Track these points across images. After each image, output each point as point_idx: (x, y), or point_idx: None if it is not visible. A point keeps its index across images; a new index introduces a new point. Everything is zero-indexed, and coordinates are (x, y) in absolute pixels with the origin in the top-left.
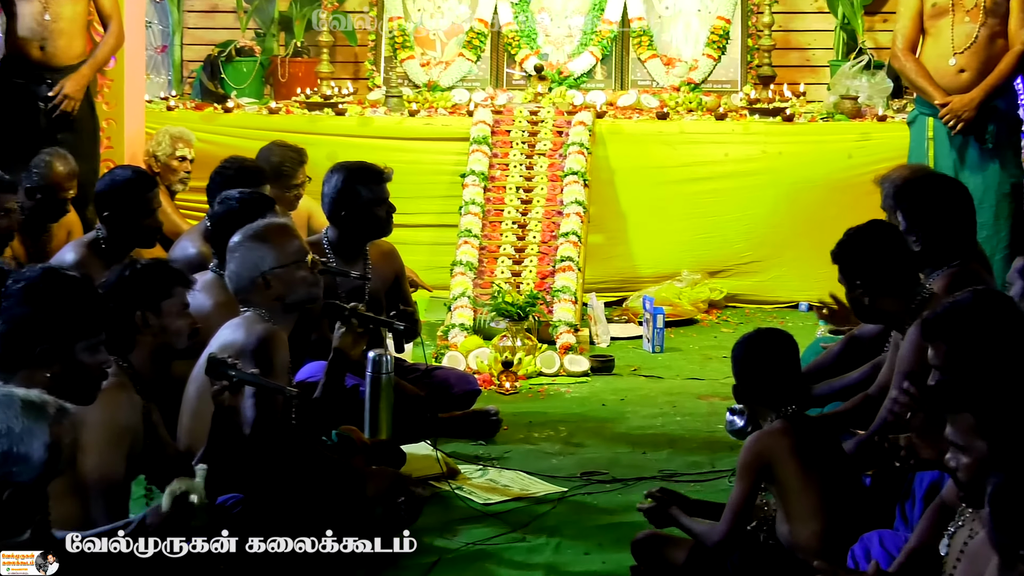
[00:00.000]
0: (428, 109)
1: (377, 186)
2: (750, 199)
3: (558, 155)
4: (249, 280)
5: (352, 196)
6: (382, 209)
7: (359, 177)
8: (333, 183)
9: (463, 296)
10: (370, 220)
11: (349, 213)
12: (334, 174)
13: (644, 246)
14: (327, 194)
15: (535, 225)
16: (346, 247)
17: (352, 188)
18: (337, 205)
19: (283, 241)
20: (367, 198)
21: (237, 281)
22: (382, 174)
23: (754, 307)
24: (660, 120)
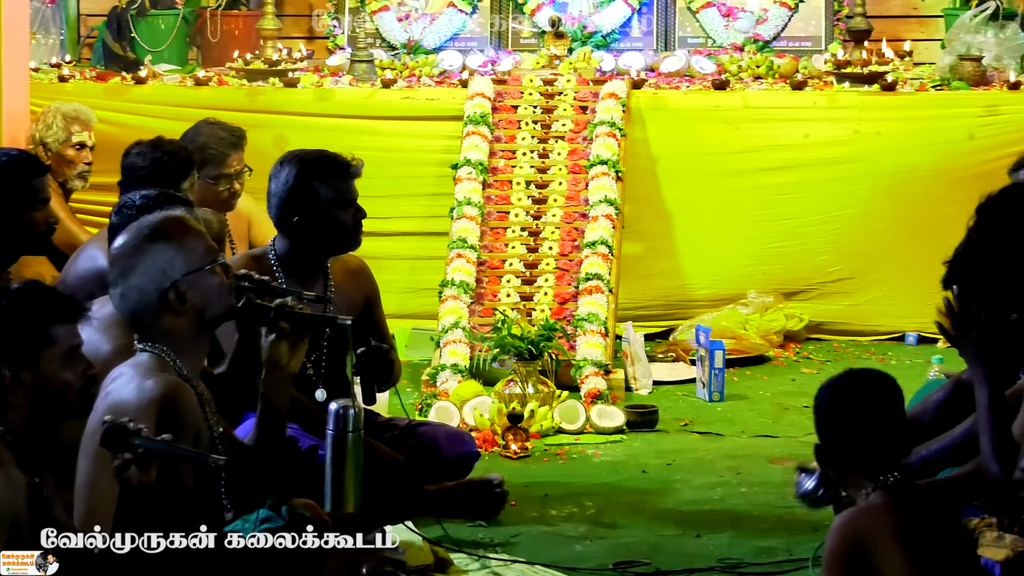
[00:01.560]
0: (408, 78)
1: (342, 183)
2: (838, 195)
3: (581, 139)
4: (156, 296)
5: (308, 196)
6: (348, 213)
7: (318, 170)
8: (283, 179)
9: (456, 328)
10: (332, 228)
11: (305, 218)
12: (284, 167)
13: (697, 259)
14: (275, 193)
15: (551, 232)
16: (300, 264)
17: (308, 185)
18: (288, 208)
19: (189, 238)
20: (328, 199)
21: (139, 301)
22: (348, 167)
23: (845, 340)
24: (718, 90)
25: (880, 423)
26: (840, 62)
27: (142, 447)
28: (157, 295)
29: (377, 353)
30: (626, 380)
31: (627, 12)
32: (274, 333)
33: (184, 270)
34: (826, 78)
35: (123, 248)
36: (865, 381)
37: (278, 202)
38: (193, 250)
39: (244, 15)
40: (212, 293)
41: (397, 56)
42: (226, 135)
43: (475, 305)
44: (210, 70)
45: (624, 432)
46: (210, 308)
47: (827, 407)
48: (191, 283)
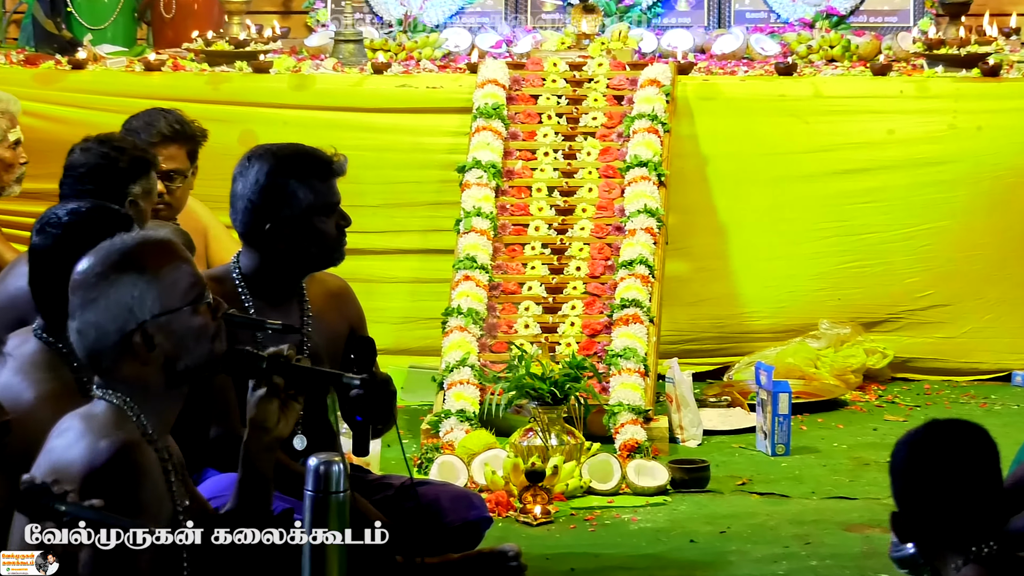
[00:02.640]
0: (405, 62)
1: (323, 183)
2: (930, 204)
3: (616, 135)
4: (118, 338)
5: (283, 198)
6: (330, 220)
7: (294, 167)
8: (251, 177)
9: (463, 366)
10: (312, 238)
11: (278, 226)
12: (253, 163)
13: (756, 282)
14: (241, 195)
15: (579, 250)
16: (271, 284)
17: (283, 186)
18: (258, 213)
19: (168, 269)
20: (307, 202)
21: (98, 342)
22: (331, 163)
23: (938, 380)
24: (783, 76)
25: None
26: (932, 41)
27: (69, 515)
28: (119, 336)
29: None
30: (671, 429)
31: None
32: (264, 388)
33: (156, 310)
34: (915, 61)
35: (86, 274)
36: (951, 435)
37: (246, 206)
38: (172, 285)
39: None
40: (189, 339)
41: (391, 35)
42: (163, 124)
43: (486, 338)
44: (163, 52)
45: (668, 493)
46: (185, 357)
47: (905, 467)
48: (163, 326)
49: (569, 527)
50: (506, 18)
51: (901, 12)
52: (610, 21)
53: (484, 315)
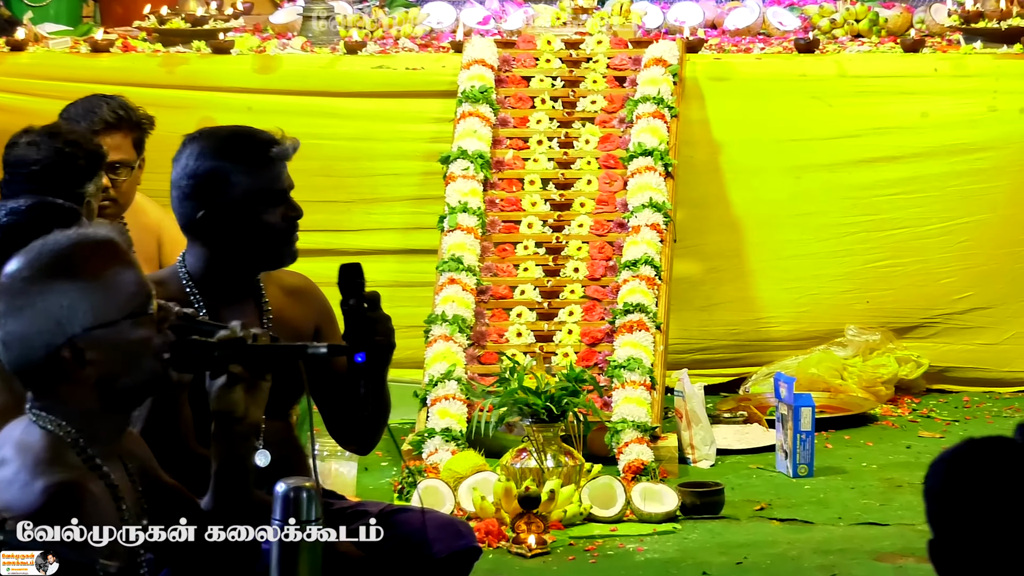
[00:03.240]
0: (382, 40)
1: (263, 168)
2: (969, 195)
3: (617, 121)
4: (44, 353)
5: (214, 185)
6: (275, 212)
7: (228, 150)
8: (183, 162)
9: (448, 379)
10: (253, 230)
11: (212, 216)
12: (186, 147)
13: (775, 283)
14: (175, 183)
15: (577, 249)
16: (220, 283)
17: (214, 170)
18: (191, 200)
19: (107, 275)
20: (241, 189)
21: (22, 356)
22: (272, 144)
23: (979, 391)
24: (803, 53)
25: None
26: (969, 14)
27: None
28: (46, 352)
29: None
30: (680, 449)
31: None
32: (223, 376)
33: (88, 322)
34: (950, 36)
35: (12, 279)
36: (994, 453)
37: (178, 194)
38: (109, 294)
39: None
40: (126, 356)
41: (366, 11)
42: (106, 111)
43: (474, 348)
44: (112, 31)
45: (678, 519)
46: (123, 376)
47: (943, 489)
48: (97, 340)
49: (567, 559)
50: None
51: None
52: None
53: (472, 322)
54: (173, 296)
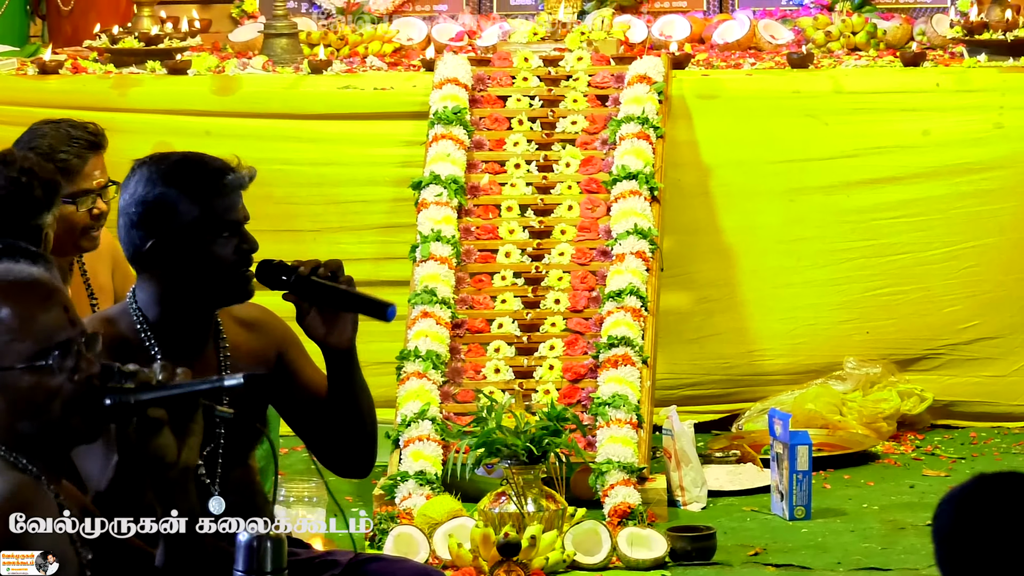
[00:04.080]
0: (348, 59)
1: (214, 196)
2: (974, 218)
3: (600, 143)
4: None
5: (161, 213)
6: (226, 243)
7: (177, 176)
8: (130, 189)
9: (422, 419)
10: (201, 264)
11: (159, 248)
12: (134, 173)
13: (770, 314)
14: (122, 210)
15: (558, 279)
16: (173, 319)
17: (161, 197)
18: (137, 232)
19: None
20: (190, 218)
21: None
22: (225, 172)
23: (986, 427)
24: (797, 69)
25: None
26: (973, 25)
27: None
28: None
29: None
30: (669, 491)
31: None
32: (148, 426)
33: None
34: (953, 48)
35: None
36: (1005, 491)
37: (126, 221)
38: (14, 336)
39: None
40: (23, 403)
41: (332, 27)
42: (80, 134)
43: (450, 386)
44: (61, 51)
45: (667, 566)
46: (21, 422)
47: (951, 530)
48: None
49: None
50: (467, 4)
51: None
52: (591, 7)
53: (446, 358)
54: (124, 335)
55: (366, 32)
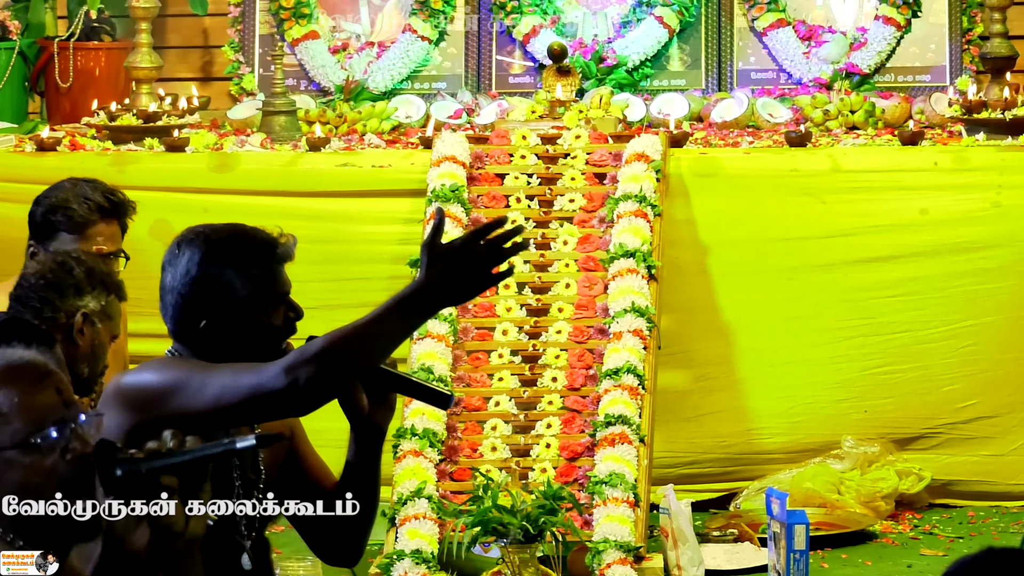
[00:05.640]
0: (347, 136)
1: (266, 271)
2: (972, 297)
3: (597, 221)
4: None
5: (217, 292)
6: (277, 315)
7: (229, 254)
8: (182, 267)
9: (418, 497)
10: (256, 334)
11: (214, 325)
12: (183, 251)
13: (767, 392)
14: (171, 288)
15: (555, 357)
16: None
17: (216, 276)
18: (189, 310)
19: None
20: (245, 295)
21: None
22: (275, 246)
23: (985, 506)
24: (795, 147)
25: None
26: (972, 104)
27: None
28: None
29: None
30: (667, 570)
31: (663, 36)
32: (160, 495)
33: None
34: (952, 127)
35: None
36: (1011, 565)
37: (176, 301)
38: (6, 418)
39: (107, 48)
40: (24, 486)
41: (331, 104)
42: (96, 196)
43: (446, 464)
44: (59, 128)
45: None
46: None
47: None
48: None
49: None
50: (466, 83)
51: (935, 70)
52: (589, 85)
53: (443, 436)
54: None
55: (364, 110)
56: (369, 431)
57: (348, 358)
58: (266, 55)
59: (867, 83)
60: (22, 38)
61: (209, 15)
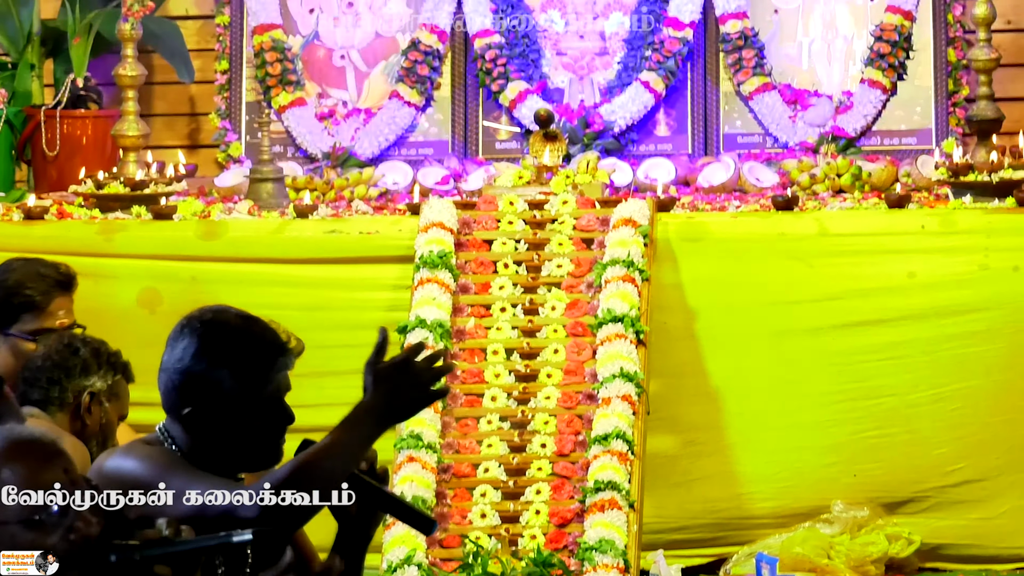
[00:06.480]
0: (334, 203)
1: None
2: (961, 360)
3: (585, 286)
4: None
5: (210, 388)
6: (268, 417)
7: (231, 354)
8: (177, 352)
9: (408, 565)
10: (240, 435)
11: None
12: (184, 336)
13: (757, 457)
14: (164, 368)
15: (543, 422)
16: (209, 461)
17: (213, 374)
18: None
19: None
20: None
21: None
22: (279, 353)
23: (975, 569)
24: (782, 211)
25: None
26: (958, 166)
27: None
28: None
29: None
30: None
31: (649, 100)
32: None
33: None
34: (938, 190)
35: None
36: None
37: (167, 380)
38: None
39: (94, 116)
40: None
41: (318, 171)
42: (49, 272)
43: (436, 531)
44: (47, 196)
45: None
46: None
47: None
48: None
49: None
50: (453, 149)
51: (921, 132)
52: (576, 150)
53: (432, 503)
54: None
55: (352, 176)
56: (355, 534)
57: (313, 483)
58: (253, 122)
59: (853, 146)
60: (9, 106)
61: (196, 83)
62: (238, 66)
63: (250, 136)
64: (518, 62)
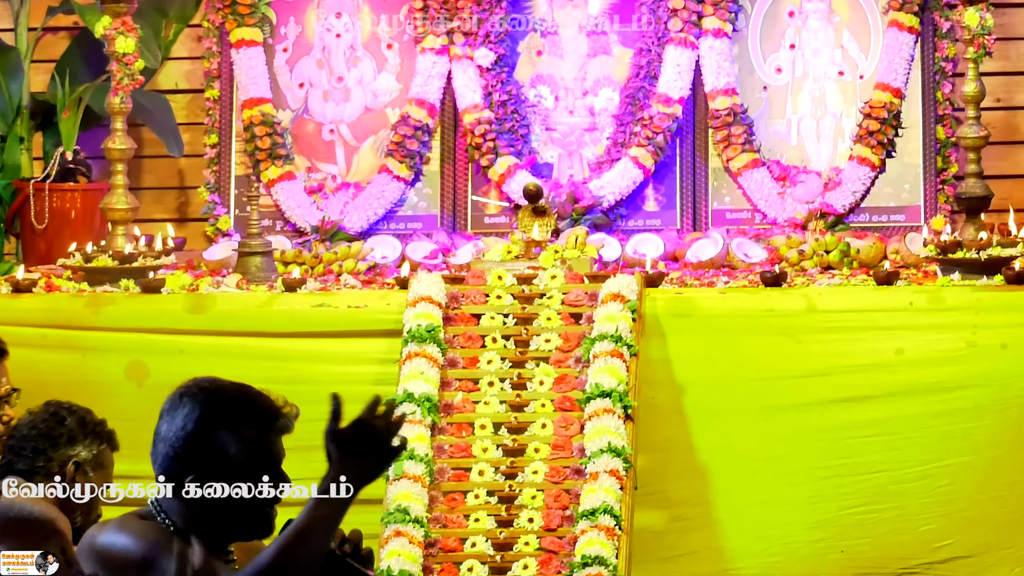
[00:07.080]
0: (323, 277)
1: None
2: (948, 437)
3: (573, 361)
4: None
5: (212, 454)
6: (264, 483)
7: (231, 420)
8: (178, 422)
9: None
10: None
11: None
12: (183, 405)
13: (744, 532)
14: (164, 438)
15: (531, 497)
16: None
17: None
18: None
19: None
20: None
21: None
22: (276, 419)
23: None
24: (770, 287)
25: None
26: (946, 244)
27: None
28: None
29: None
30: None
31: (638, 176)
32: None
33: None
34: (927, 267)
35: None
36: None
37: (167, 452)
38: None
39: (83, 189)
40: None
41: (307, 245)
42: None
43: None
44: (35, 269)
45: None
46: None
47: None
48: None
49: None
50: (442, 223)
51: (909, 209)
52: (565, 225)
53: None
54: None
55: (340, 250)
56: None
57: (296, 566)
58: (242, 196)
59: (842, 223)
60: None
61: (185, 156)
62: (227, 140)
63: (239, 210)
64: (507, 137)
